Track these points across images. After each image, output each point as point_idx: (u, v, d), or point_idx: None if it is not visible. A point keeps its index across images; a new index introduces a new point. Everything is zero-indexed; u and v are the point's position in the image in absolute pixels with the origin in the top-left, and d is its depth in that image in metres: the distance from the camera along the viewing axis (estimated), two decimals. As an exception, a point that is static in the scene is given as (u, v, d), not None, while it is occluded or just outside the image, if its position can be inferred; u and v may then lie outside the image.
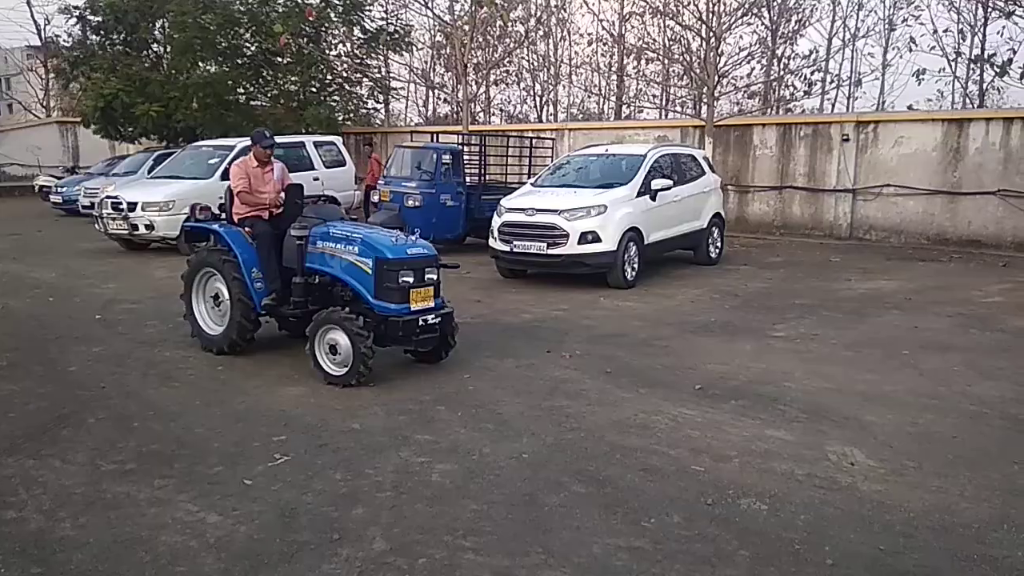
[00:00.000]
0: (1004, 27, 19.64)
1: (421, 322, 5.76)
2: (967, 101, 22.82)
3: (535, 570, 3.26)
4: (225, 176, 12.99)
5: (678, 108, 23.60)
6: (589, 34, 26.03)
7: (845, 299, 9.13)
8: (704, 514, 3.77)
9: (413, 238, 6.01)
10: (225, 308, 6.53)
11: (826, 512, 3.78)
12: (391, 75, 25.08)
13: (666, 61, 22.11)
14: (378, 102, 24.97)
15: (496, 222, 10.35)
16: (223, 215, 6.76)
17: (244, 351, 6.58)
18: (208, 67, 20.74)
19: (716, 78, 16.11)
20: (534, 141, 16.41)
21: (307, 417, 5.10)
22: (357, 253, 5.84)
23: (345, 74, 22.00)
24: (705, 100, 16.37)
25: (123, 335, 7.42)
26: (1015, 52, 20.26)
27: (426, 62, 27.37)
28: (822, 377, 6.00)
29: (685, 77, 21.40)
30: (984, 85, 22.27)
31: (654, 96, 25.71)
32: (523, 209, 10.13)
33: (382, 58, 23.77)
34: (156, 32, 21.27)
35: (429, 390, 5.61)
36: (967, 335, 7.36)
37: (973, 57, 21.07)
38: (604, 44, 25.16)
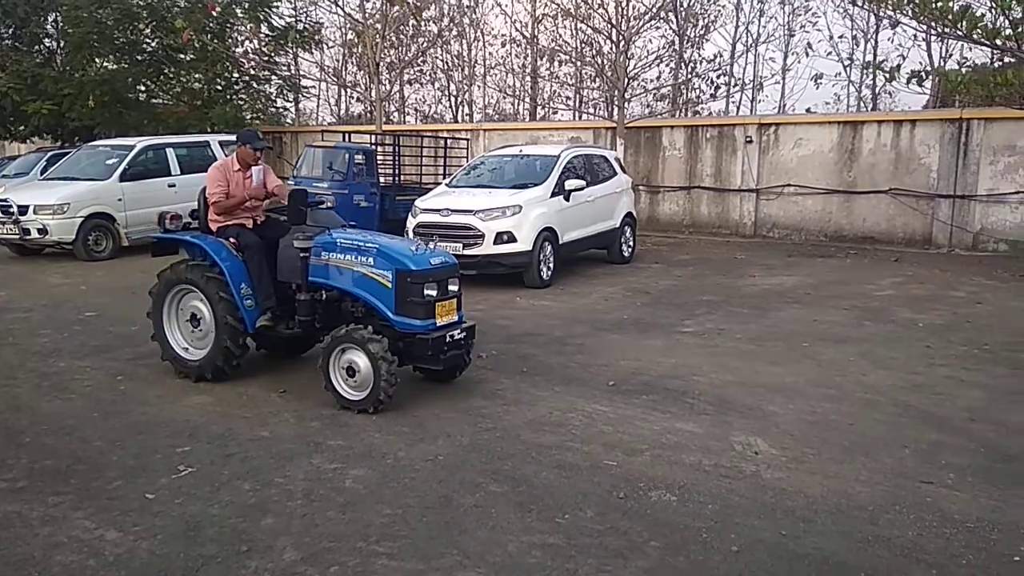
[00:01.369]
0: (894, 35, 20.76)
1: (448, 338, 5.24)
2: (861, 104, 24.03)
3: (449, 572, 3.25)
4: (125, 177, 12.51)
5: (591, 110, 23.97)
6: (503, 35, 26.15)
7: (749, 295, 9.48)
8: (616, 508, 3.84)
9: (432, 246, 5.49)
10: (206, 329, 5.77)
11: (732, 500, 3.91)
12: (301, 73, 24.53)
13: (578, 63, 22.42)
14: (288, 101, 24.42)
15: (411, 223, 10.28)
16: (195, 223, 6.08)
17: (145, 357, 6.30)
18: (105, 64, 19.83)
19: (626, 81, 16.45)
20: (449, 141, 16.39)
21: (213, 426, 4.94)
22: (372, 265, 5.24)
23: (252, 72, 21.39)
24: (616, 102, 16.68)
25: (14, 345, 7.00)
26: (904, 58, 21.51)
27: (338, 60, 26.91)
28: (728, 370, 6.21)
29: (597, 79, 21.74)
30: (877, 89, 23.50)
31: (567, 98, 26.05)
32: (438, 210, 10.10)
33: (291, 56, 23.24)
34: (48, 26, 20.19)
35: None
36: (862, 327, 7.75)
37: (866, 62, 22.19)
38: (518, 45, 25.32)
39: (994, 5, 10.57)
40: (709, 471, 4.27)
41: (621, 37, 16.10)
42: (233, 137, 14.94)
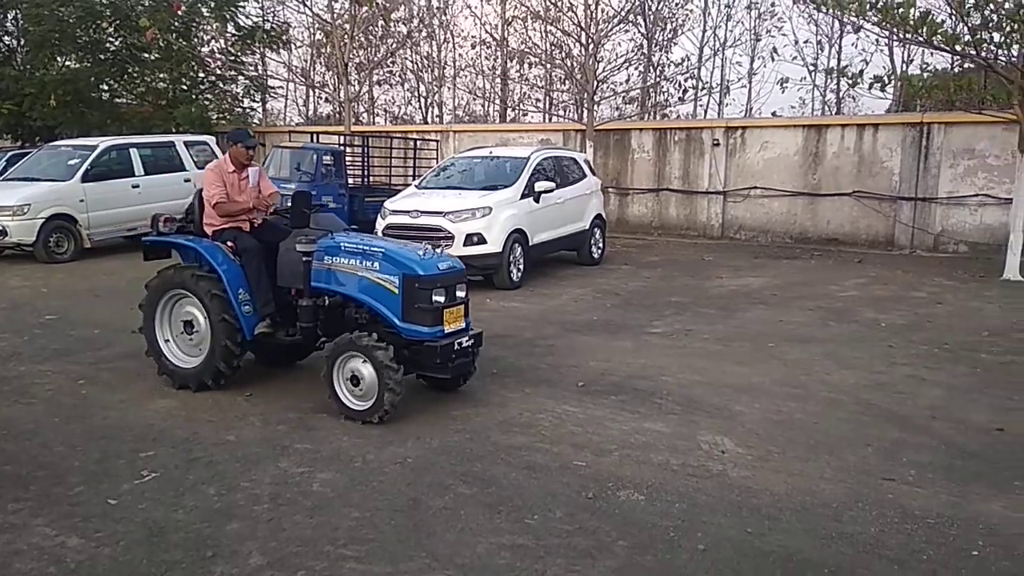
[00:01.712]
0: (858, 39, 21.13)
1: (456, 346, 5.11)
2: (826, 108, 24.44)
3: (418, 574, 3.24)
4: (87, 178, 12.27)
5: (561, 112, 24.06)
6: (472, 37, 26.15)
7: (717, 296, 9.58)
8: (585, 507, 3.86)
9: (439, 251, 5.35)
10: (201, 336, 5.58)
11: (699, 499, 3.95)
12: (268, 73, 24.30)
13: (548, 66, 22.50)
14: (255, 101, 24.19)
15: (380, 224, 10.23)
16: (189, 226, 5.84)
17: (108, 361, 6.19)
18: (67, 62, 19.45)
19: (595, 83, 16.53)
20: (419, 143, 16.34)
21: (178, 431, 4.86)
22: (378, 270, 5.07)
23: (219, 72, 21.14)
24: (586, 105, 16.76)
25: (-30, 350, 6.83)
26: (867, 63, 21.95)
27: (306, 61, 26.68)
28: (695, 371, 6.27)
29: (567, 82, 21.84)
30: (841, 93, 23.93)
31: (537, 100, 26.12)
32: (407, 211, 10.06)
33: (258, 56, 23.00)
34: (8, 24, 19.75)
35: (309, 398, 5.46)
36: (826, 327, 7.88)
37: (830, 67, 22.57)
38: (487, 47, 25.34)
39: (953, 12, 10.83)
40: (676, 470, 4.31)
41: (590, 40, 16.18)
42: (199, 138, 14.86)
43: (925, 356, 6.75)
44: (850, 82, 12.45)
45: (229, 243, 5.56)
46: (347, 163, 13.26)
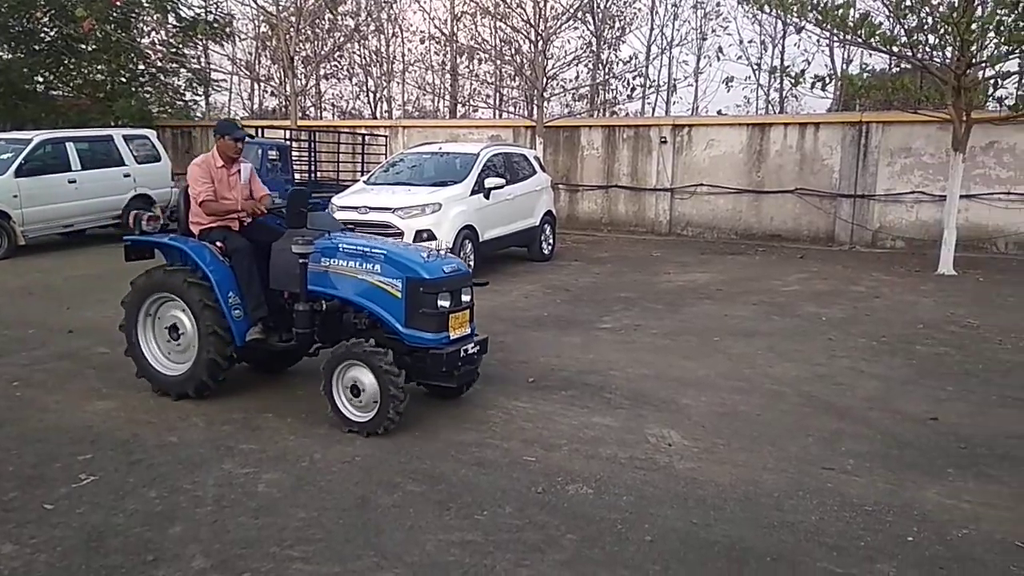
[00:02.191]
0: (800, 40, 21.58)
1: (462, 352, 4.85)
2: (769, 107, 24.97)
3: (366, 573, 3.22)
4: (21, 173, 11.83)
5: (511, 108, 24.09)
6: (421, 32, 26.00)
7: (665, 291, 9.71)
8: (535, 502, 3.88)
9: (443, 252, 5.10)
10: (187, 342, 5.27)
11: (646, 492, 4.00)
12: (211, 66, 23.77)
13: (498, 62, 22.50)
14: (197, 94, 23.63)
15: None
16: (172, 224, 5.51)
17: (43, 362, 5.99)
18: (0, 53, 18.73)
19: (545, 80, 16.60)
20: (367, 138, 16.17)
21: (118, 432, 4.73)
22: (380, 273, 4.82)
23: (159, 64, 20.61)
24: (536, 101, 16.82)
25: None
26: (809, 63, 22.47)
27: (250, 53, 26.16)
28: (644, 365, 6.35)
29: (517, 78, 21.87)
30: (784, 93, 24.46)
31: (487, 96, 26.10)
32: (356, 207, 9.94)
33: (201, 48, 22.50)
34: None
35: (255, 398, 5.37)
36: (769, 321, 8.06)
37: (773, 67, 23.06)
38: (437, 42, 25.20)
39: (891, 14, 11.16)
40: (625, 464, 4.36)
41: (539, 37, 16.24)
42: (139, 132, 14.46)
43: (863, 349, 6.96)
44: (792, 81, 12.74)
45: (218, 243, 5.24)
46: (293, 158, 13.04)
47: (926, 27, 11.01)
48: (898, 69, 15.30)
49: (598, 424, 4.97)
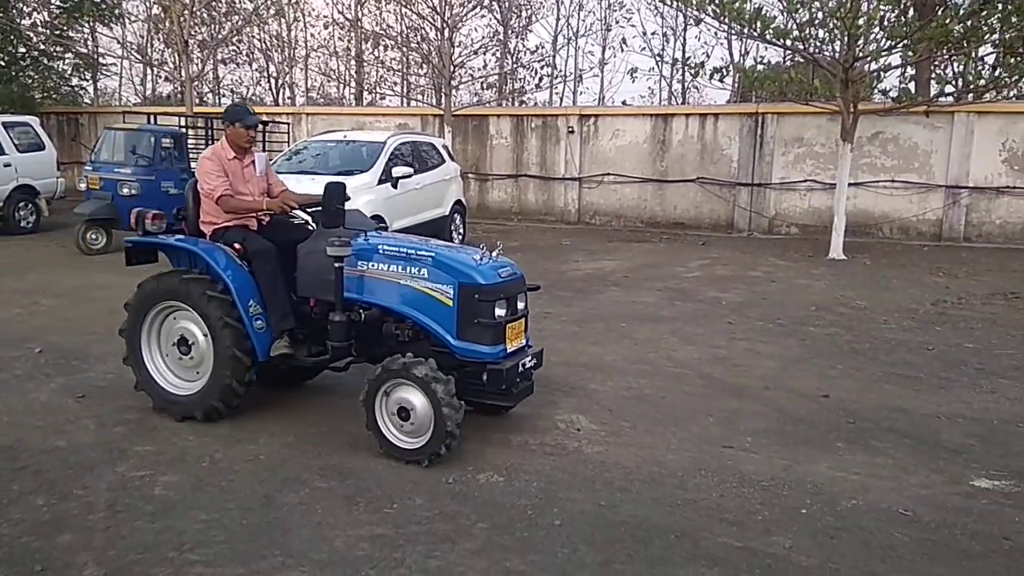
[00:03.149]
0: (700, 32, 22.20)
1: (520, 367, 4.35)
2: (672, 98, 25.64)
3: (271, 574, 3.13)
4: None
5: (419, 96, 23.85)
6: (325, 17, 25.38)
7: (574, 279, 9.85)
8: (446, 493, 3.86)
9: (494, 255, 4.45)
10: (199, 359, 4.67)
11: (556, 477, 4.05)
12: (100, 50, 22.50)
13: (404, 49, 22.22)
14: (84, 79, 22.34)
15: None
16: (178, 224, 4.97)
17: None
18: None
19: (452, 68, 16.50)
20: (269, 125, 15.65)
21: (1, 438, 4.43)
22: (427, 278, 4.29)
23: (42, 47, 19.35)
24: (443, 90, 16.70)
25: None
26: (708, 56, 23.17)
27: (142, 36, 24.92)
28: (554, 351, 6.37)
29: (424, 66, 21.65)
30: (686, 84, 25.18)
31: (394, 84, 25.75)
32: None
33: (88, 30, 21.26)
34: None
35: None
36: (672, 306, 8.30)
37: (675, 58, 23.68)
38: (341, 28, 24.68)
39: (784, 8, 11.63)
40: (535, 450, 4.40)
41: (446, 24, 16.11)
42: (19, 118, 13.54)
43: (760, 331, 7.26)
44: (692, 73, 13.13)
45: (236, 245, 4.65)
46: (190, 147, 12.50)
47: (816, 22, 11.53)
48: (792, 62, 15.98)
49: (510, 412, 4.99)
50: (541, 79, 23.85)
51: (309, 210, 4.80)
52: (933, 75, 14.41)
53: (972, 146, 13.47)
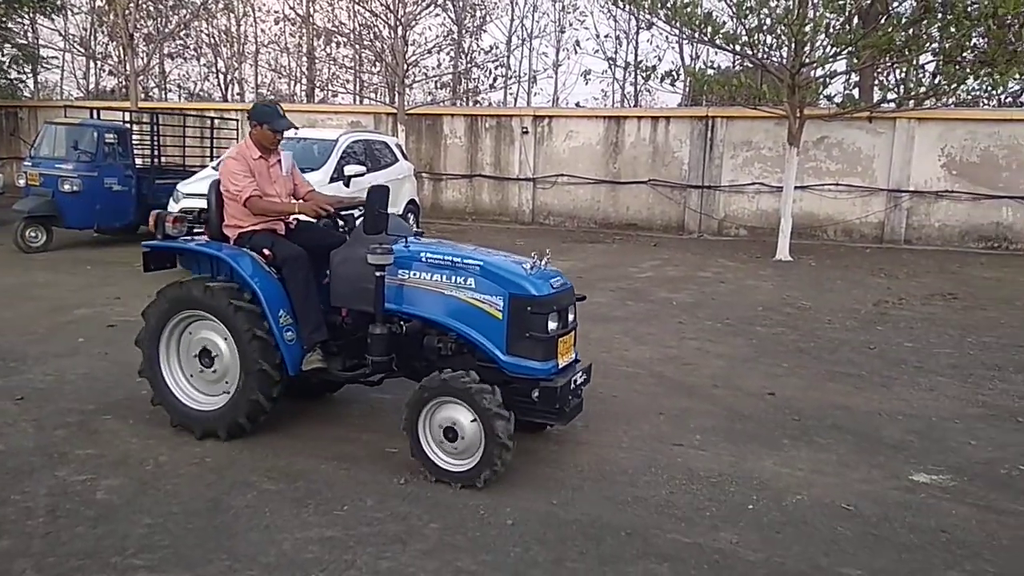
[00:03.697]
0: (652, 36, 22.44)
1: (572, 384, 4.09)
2: (625, 101, 25.91)
3: (218, 578, 3.07)
4: None
5: (372, 95, 23.66)
6: (276, 12, 25.00)
7: (527, 279, 9.87)
8: (397, 494, 3.83)
9: (543, 263, 4.20)
10: (223, 372, 4.41)
11: (508, 476, 4.05)
12: (40, 42, 21.79)
13: (357, 46, 22.02)
14: (24, 72, 21.60)
15: (173, 208, 9.52)
16: (198, 228, 4.70)
17: None
18: None
19: (406, 67, 16.41)
20: (217, 121, 15.36)
21: (-70, 443, 4.27)
22: (474, 288, 4.05)
23: (-22, 37, 18.67)
24: (397, 88, 16.58)
25: None
26: (660, 59, 23.50)
27: (85, 29, 24.22)
28: (506, 352, 6.42)
29: (377, 64, 21.50)
30: (638, 87, 25.48)
31: (347, 81, 25.51)
32: (204, 195, 9.41)
33: (28, 21, 20.57)
34: None
35: (92, 399, 4.99)
36: (625, 307, 8.38)
37: (627, 61, 23.98)
38: (292, 24, 24.33)
39: (734, 14, 11.85)
40: (487, 450, 4.39)
41: (399, 22, 16.02)
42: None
43: (710, 330, 7.38)
44: (645, 76, 13.30)
45: (265, 250, 4.39)
46: (134, 143, 12.19)
47: (765, 28, 11.77)
48: (741, 67, 16.28)
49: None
50: (495, 79, 23.93)
51: (343, 213, 4.61)
52: (876, 82, 14.87)
53: (913, 151, 13.92)
